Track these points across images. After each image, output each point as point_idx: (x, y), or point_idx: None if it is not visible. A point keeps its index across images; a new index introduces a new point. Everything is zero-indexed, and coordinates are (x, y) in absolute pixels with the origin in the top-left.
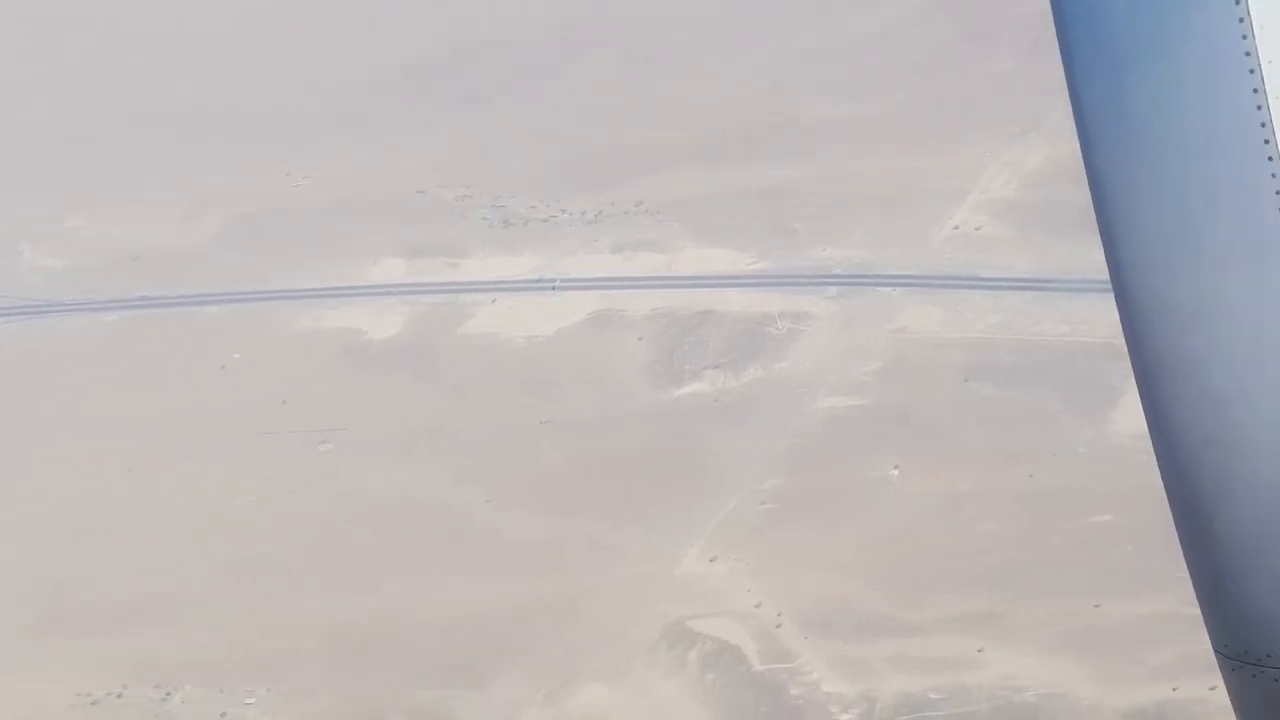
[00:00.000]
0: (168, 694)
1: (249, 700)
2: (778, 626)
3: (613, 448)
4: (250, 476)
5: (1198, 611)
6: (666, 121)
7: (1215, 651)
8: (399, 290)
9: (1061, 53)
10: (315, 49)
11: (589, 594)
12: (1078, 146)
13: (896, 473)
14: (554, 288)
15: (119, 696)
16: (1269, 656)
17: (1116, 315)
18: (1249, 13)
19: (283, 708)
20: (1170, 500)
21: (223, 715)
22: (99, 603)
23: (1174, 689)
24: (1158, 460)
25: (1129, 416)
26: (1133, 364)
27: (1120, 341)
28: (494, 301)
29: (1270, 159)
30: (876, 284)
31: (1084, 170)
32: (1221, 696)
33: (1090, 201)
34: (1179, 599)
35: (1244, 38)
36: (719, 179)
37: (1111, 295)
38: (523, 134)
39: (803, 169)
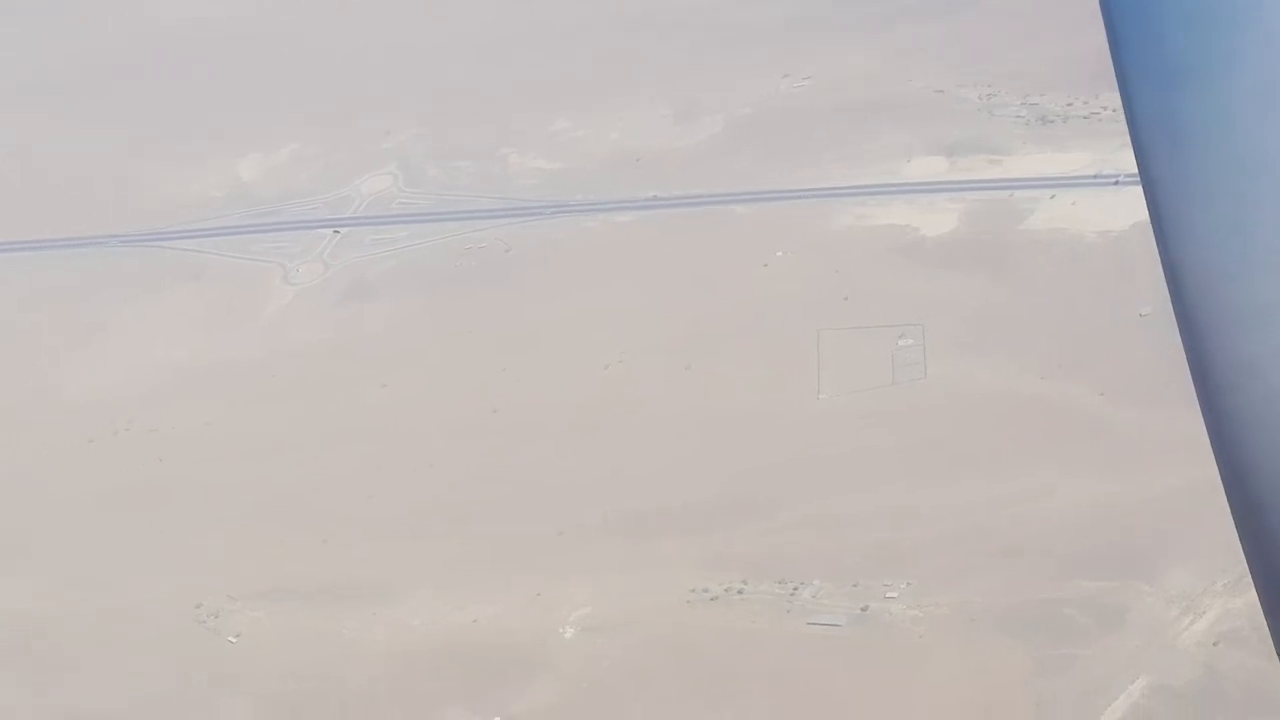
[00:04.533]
0: (795, 589)
1: (890, 594)
2: None
3: None
4: (824, 372)
5: None
6: None
7: None
8: (943, 187)
9: (1115, 70)
10: None
11: None
12: None
13: None
14: (1116, 183)
15: (739, 592)
16: None
17: None
18: None
19: (928, 599)
20: (1232, 508)
21: (864, 609)
22: (677, 503)
23: None
24: (1218, 466)
25: None
26: (1190, 370)
27: None
28: (1053, 197)
29: None
30: None
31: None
32: None
33: None
34: None
35: None
36: None
37: None
38: (1035, 32)
39: None
